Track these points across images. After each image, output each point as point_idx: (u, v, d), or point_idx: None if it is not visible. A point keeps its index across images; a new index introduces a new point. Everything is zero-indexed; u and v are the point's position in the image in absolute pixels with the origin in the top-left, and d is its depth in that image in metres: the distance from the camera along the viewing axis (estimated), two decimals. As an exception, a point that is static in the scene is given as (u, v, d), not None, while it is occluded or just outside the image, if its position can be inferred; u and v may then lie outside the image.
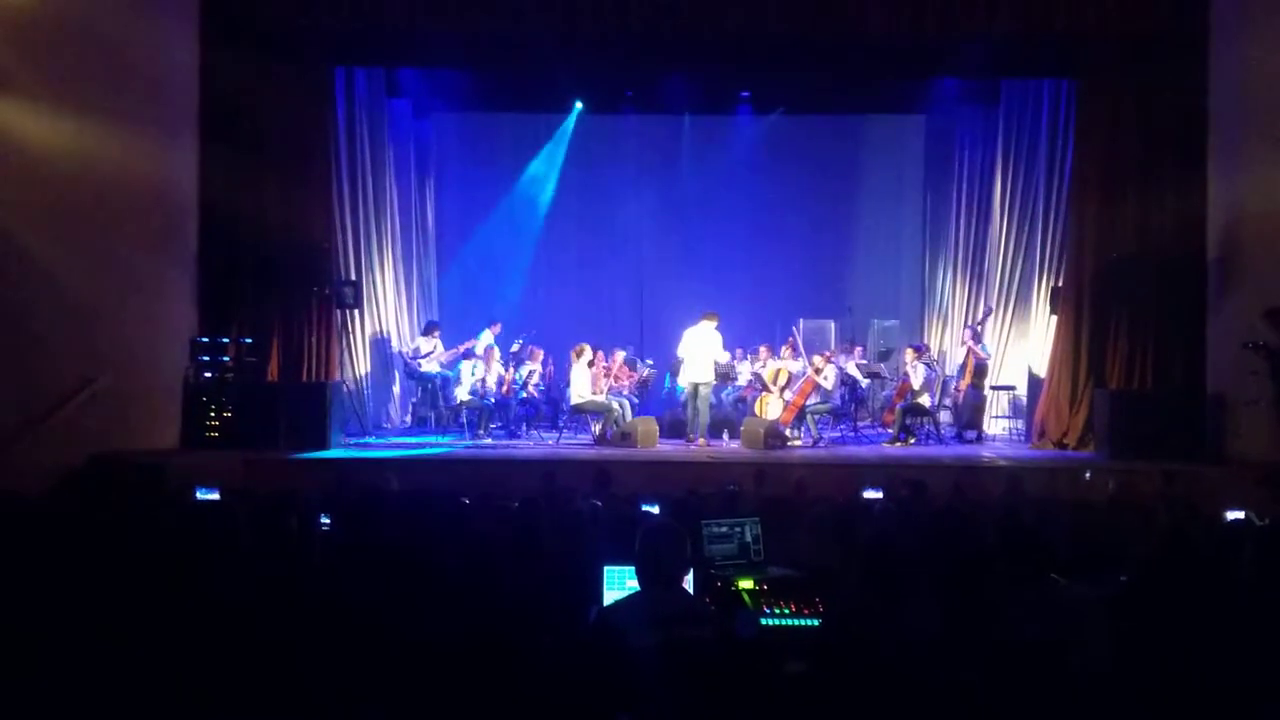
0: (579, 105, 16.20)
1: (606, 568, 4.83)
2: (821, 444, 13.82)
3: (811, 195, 17.26)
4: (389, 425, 15.25)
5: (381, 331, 15.42)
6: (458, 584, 4.57)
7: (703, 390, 13.48)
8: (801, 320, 16.05)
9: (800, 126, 16.87)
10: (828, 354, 14.54)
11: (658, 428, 13.65)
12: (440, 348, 14.78)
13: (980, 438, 14.39)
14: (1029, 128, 15.06)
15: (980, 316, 15.47)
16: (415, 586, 4.50)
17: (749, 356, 15.39)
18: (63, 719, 3.58)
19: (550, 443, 13.95)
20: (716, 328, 13.47)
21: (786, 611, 4.87)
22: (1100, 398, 12.75)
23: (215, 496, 7.61)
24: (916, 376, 13.84)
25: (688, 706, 3.60)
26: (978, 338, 14.61)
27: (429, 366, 14.63)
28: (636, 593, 4.19)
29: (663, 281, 17.22)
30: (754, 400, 14.55)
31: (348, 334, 14.38)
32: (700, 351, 13.37)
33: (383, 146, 15.41)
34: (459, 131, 17.19)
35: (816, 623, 4.75)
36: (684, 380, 13.92)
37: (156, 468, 10.63)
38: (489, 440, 13.85)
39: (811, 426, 14.00)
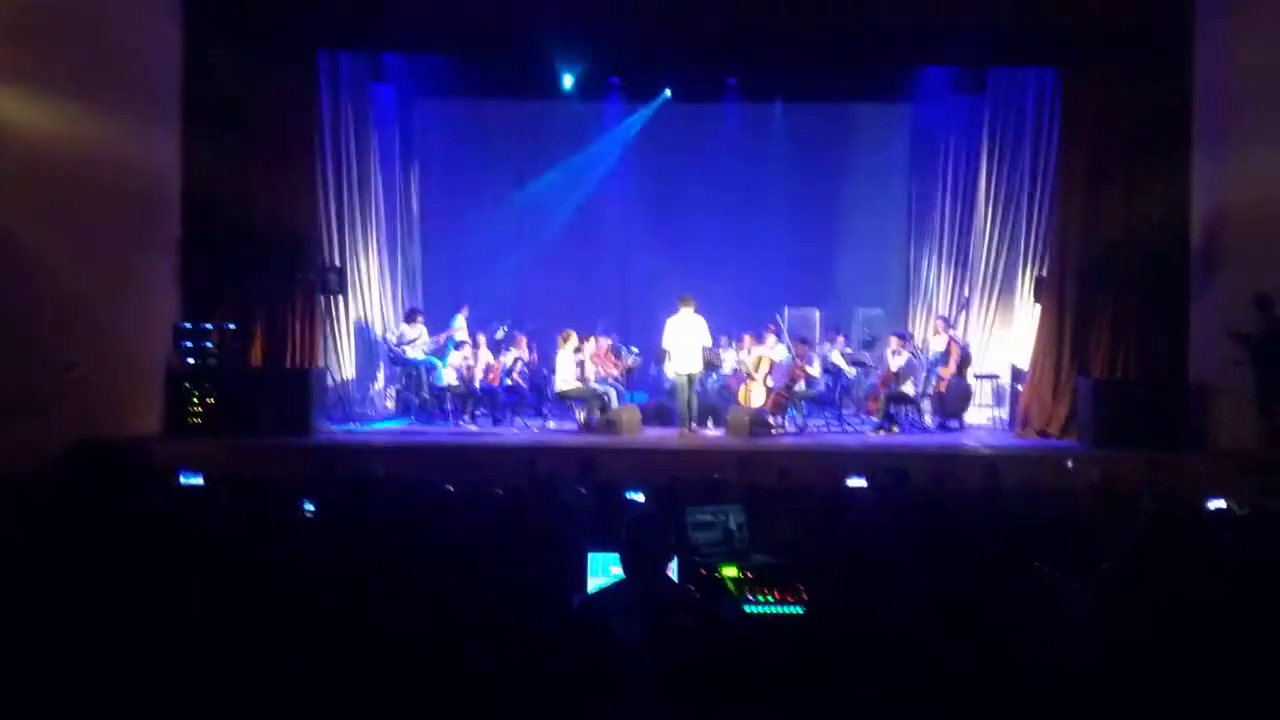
0: (568, 81, 16.05)
1: (590, 554, 4.84)
2: (806, 432, 13.83)
3: (796, 183, 17.21)
4: (373, 412, 15.21)
5: (366, 318, 15.39)
6: (442, 571, 4.56)
7: (693, 380, 13.43)
8: (786, 308, 16.07)
9: (786, 114, 16.85)
10: (809, 344, 14.56)
11: (640, 415, 13.64)
12: (425, 334, 14.74)
13: (963, 427, 14.41)
14: (1014, 117, 15.08)
15: (955, 307, 15.52)
16: (399, 573, 4.50)
17: (733, 345, 15.38)
18: (47, 707, 3.57)
19: (535, 430, 13.95)
20: (696, 311, 13.39)
21: (770, 599, 4.88)
22: (1083, 386, 12.82)
23: (199, 481, 7.60)
24: (895, 362, 13.88)
25: (672, 694, 3.60)
26: (951, 326, 14.65)
27: (413, 353, 14.58)
28: (621, 580, 4.19)
29: (647, 268, 17.17)
30: (738, 388, 14.53)
31: (332, 320, 14.34)
32: (686, 341, 13.30)
33: (367, 132, 15.36)
34: (444, 117, 17.10)
35: (800, 610, 4.76)
36: (671, 371, 13.84)
37: (140, 453, 10.58)
38: (474, 427, 13.85)
39: (797, 414, 14.01)
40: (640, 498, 7.38)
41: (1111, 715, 3.60)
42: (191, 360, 12.59)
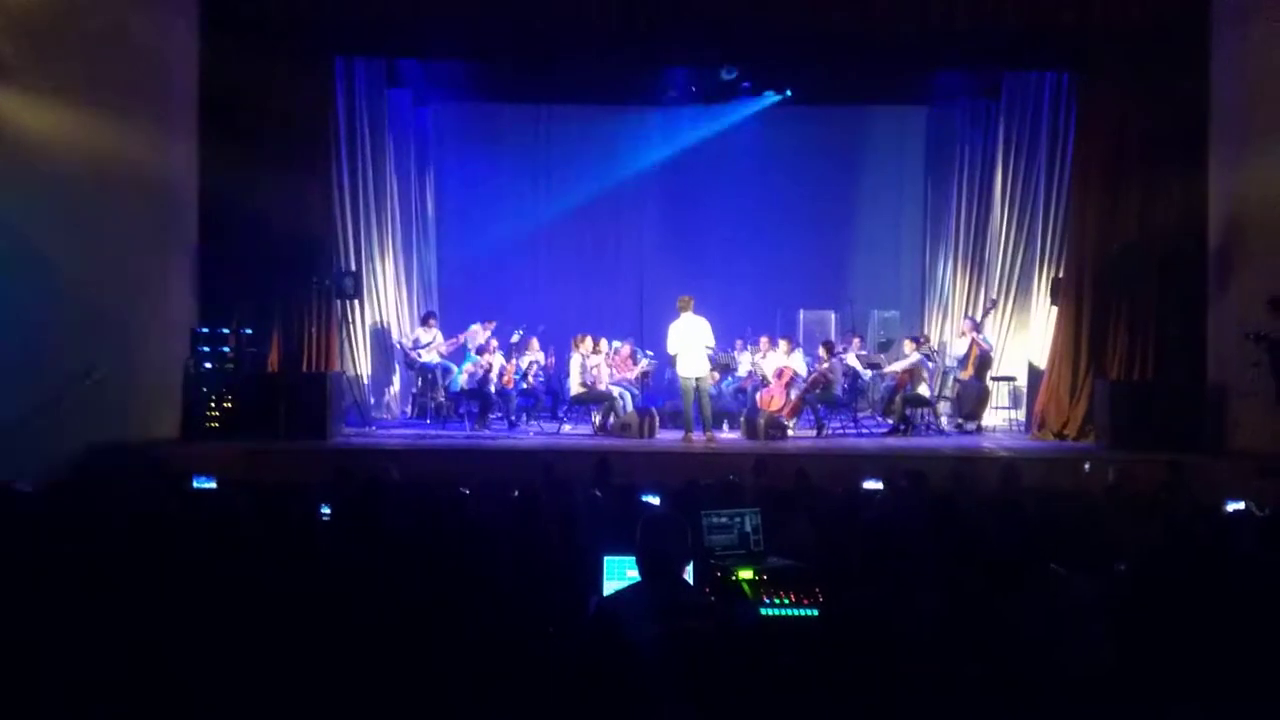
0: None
1: (606, 558, 4.84)
2: (822, 435, 13.80)
3: (812, 186, 17.21)
4: (389, 416, 15.25)
5: (381, 322, 15.42)
6: (458, 575, 4.57)
7: (703, 384, 13.13)
8: (802, 311, 16.03)
9: (802, 117, 16.79)
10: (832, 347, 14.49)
11: (637, 419, 13.51)
12: (440, 338, 14.77)
13: (980, 429, 14.37)
14: (1030, 119, 15.03)
15: (983, 309, 15.46)
16: (416, 577, 4.51)
17: (749, 348, 15.34)
18: (64, 709, 3.59)
19: (550, 433, 13.95)
20: (695, 311, 13.09)
21: (786, 602, 4.88)
22: (1100, 388, 12.77)
23: (212, 485, 7.63)
24: (903, 363, 13.89)
25: (688, 697, 3.60)
26: (979, 329, 14.58)
27: (428, 357, 14.61)
28: (636, 583, 4.19)
29: (663, 272, 17.18)
30: (753, 391, 14.48)
31: (348, 324, 14.37)
32: (690, 345, 12.99)
33: (383, 136, 15.38)
34: (459, 121, 17.16)
35: (816, 613, 4.75)
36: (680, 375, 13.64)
37: (157, 457, 10.64)
38: (489, 431, 13.86)
39: (814, 417, 13.98)
40: (656, 501, 7.38)
41: (1126, 716, 3.59)
42: (208, 365, 12.63)
